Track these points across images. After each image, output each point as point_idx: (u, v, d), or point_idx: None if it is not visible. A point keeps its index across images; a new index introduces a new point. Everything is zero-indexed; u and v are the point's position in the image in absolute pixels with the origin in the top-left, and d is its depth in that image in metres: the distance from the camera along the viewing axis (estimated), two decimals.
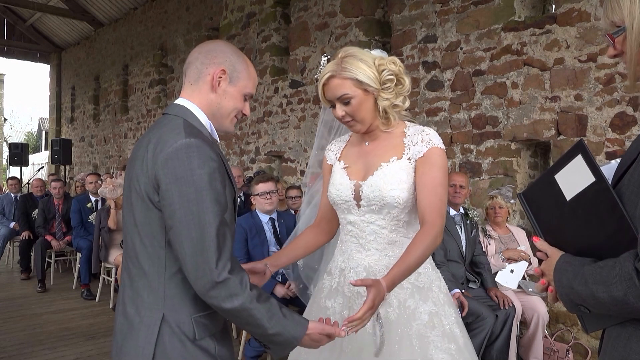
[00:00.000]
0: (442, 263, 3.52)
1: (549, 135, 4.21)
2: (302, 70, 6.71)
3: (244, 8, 7.74)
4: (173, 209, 1.24)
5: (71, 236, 6.21)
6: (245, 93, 1.46)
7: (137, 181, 1.31)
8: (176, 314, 1.31)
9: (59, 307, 5.39)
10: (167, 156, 1.25)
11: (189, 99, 1.42)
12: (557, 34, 4.16)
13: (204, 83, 1.41)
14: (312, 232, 1.90)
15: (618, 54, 1.13)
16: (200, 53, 1.44)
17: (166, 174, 1.25)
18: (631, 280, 0.94)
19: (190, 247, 1.23)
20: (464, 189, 3.78)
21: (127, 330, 1.34)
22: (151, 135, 1.35)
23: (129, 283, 1.38)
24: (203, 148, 1.27)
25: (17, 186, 7.87)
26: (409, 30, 5.40)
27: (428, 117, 5.19)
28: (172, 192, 1.24)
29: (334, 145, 1.92)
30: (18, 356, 3.97)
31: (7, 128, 31.91)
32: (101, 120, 12.94)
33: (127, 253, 1.40)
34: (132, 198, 1.33)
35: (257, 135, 7.54)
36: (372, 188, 1.68)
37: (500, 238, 4.04)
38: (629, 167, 1.05)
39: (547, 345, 3.71)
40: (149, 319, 1.31)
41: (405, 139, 1.71)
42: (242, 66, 1.45)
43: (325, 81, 1.68)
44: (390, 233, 1.71)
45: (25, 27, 14.73)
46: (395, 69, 1.68)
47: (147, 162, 1.29)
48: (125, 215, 1.39)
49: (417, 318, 1.66)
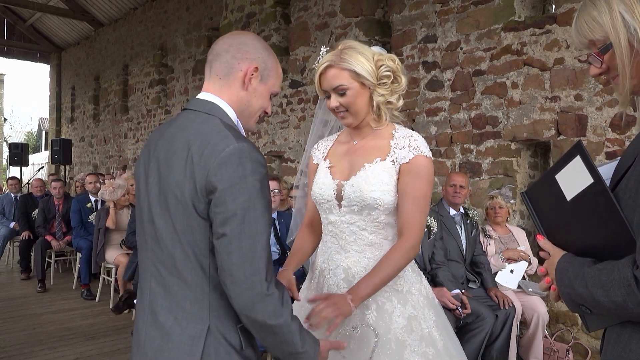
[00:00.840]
0: (443, 263, 3.52)
1: (549, 135, 4.21)
2: (302, 70, 6.71)
3: (244, 8, 7.75)
4: (225, 216, 1.18)
5: (71, 236, 6.21)
6: (272, 92, 1.42)
7: (177, 188, 1.23)
8: (222, 325, 1.26)
9: (59, 307, 5.39)
10: (220, 161, 1.19)
11: (218, 95, 1.35)
12: (557, 34, 4.16)
13: (235, 79, 1.35)
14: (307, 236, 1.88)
15: (603, 72, 1.11)
16: (232, 45, 1.36)
17: (220, 180, 1.18)
18: (630, 288, 0.94)
19: (240, 258, 1.18)
20: (464, 189, 3.78)
21: (163, 342, 1.27)
22: (190, 136, 1.26)
23: (162, 293, 1.30)
24: (254, 153, 1.22)
25: (17, 186, 7.87)
26: (409, 30, 5.40)
27: (428, 117, 5.19)
28: (226, 199, 1.18)
29: (321, 144, 1.90)
30: (18, 356, 3.97)
31: (7, 128, 31.92)
32: (101, 120, 12.94)
33: (158, 260, 1.31)
34: (170, 204, 1.25)
35: (257, 135, 7.55)
36: (353, 188, 1.66)
37: (500, 238, 4.04)
38: (627, 170, 1.05)
39: (547, 345, 3.71)
40: (193, 330, 1.24)
41: (392, 141, 1.69)
42: (272, 64, 1.40)
43: (322, 70, 1.66)
44: (370, 235, 1.68)
45: (25, 27, 14.73)
46: (393, 66, 1.67)
47: (191, 167, 1.21)
48: (159, 221, 1.29)
49: (395, 322, 1.63)
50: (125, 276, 4.97)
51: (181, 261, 1.26)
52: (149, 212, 1.32)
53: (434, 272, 3.46)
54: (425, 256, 3.45)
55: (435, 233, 3.52)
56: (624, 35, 1.03)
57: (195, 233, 1.23)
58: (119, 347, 4.17)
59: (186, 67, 9.44)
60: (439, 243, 3.57)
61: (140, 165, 1.39)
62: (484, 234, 4.00)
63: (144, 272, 1.37)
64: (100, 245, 5.47)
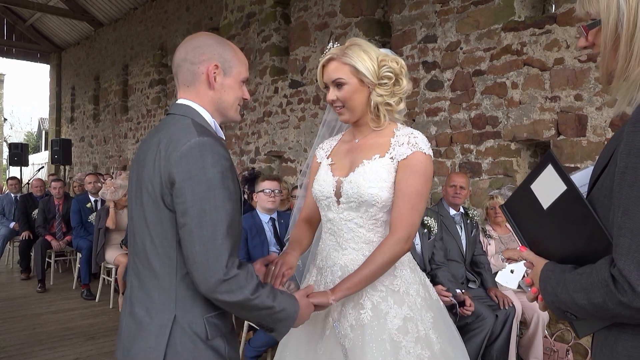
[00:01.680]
0: (443, 263, 3.52)
1: (549, 135, 4.21)
2: (302, 70, 6.71)
3: (244, 8, 7.75)
4: (185, 207, 1.24)
5: (71, 236, 6.21)
6: (241, 79, 1.46)
7: (149, 182, 1.31)
8: (188, 315, 1.30)
9: (59, 307, 5.39)
10: (180, 154, 1.25)
11: (192, 100, 1.41)
12: (557, 34, 4.16)
13: (201, 83, 1.40)
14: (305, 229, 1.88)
15: (589, 45, 1.13)
16: (187, 53, 1.41)
17: (179, 172, 1.24)
18: (607, 287, 0.94)
19: (202, 245, 1.23)
20: (464, 190, 3.78)
21: (136, 331, 1.33)
22: (161, 135, 1.34)
23: (137, 284, 1.38)
24: (215, 146, 1.27)
25: (17, 186, 7.86)
26: (409, 30, 5.40)
27: (428, 117, 5.19)
28: (185, 190, 1.24)
29: (326, 143, 1.91)
30: (18, 356, 3.97)
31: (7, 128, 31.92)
32: (101, 120, 12.94)
33: (135, 254, 1.39)
34: (143, 199, 1.32)
35: (257, 135, 7.54)
36: (351, 185, 1.66)
37: (500, 238, 4.04)
38: (602, 172, 1.05)
39: (547, 345, 3.71)
40: (160, 320, 1.30)
41: (393, 139, 1.69)
42: (230, 54, 1.43)
43: (325, 62, 1.70)
44: (367, 232, 1.68)
45: (25, 27, 14.74)
46: (396, 68, 1.68)
47: (159, 162, 1.29)
48: (135, 216, 1.38)
49: (390, 322, 1.62)
50: (126, 275, 4.98)
51: (151, 252, 1.33)
52: (130, 209, 1.42)
53: (433, 272, 3.46)
54: (425, 256, 3.45)
55: (435, 234, 3.52)
56: (614, 17, 1.05)
57: (165, 225, 1.30)
58: None
59: None
60: (438, 243, 3.57)
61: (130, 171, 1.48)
62: (484, 234, 4.00)
63: (128, 267, 1.46)
64: (100, 245, 5.47)
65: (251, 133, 7.66)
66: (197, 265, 1.23)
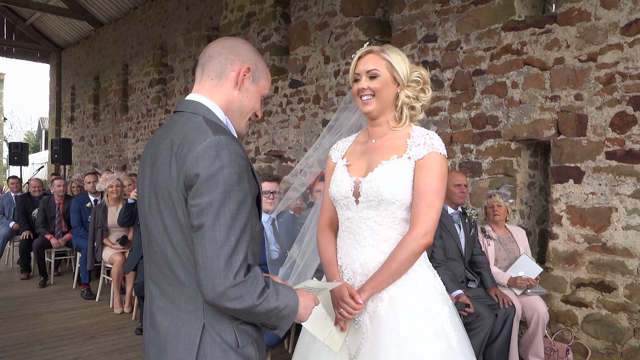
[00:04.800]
0: (442, 262, 3.52)
1: (549, 135, 4.21)
2: (302, 69, 6.70)
3: (243, 7, 7.74)
4: (200, 209, 1.19)
5: (71, 235, 6.22)
6: (263, 94, 1.46)
7: (165, 189, 1.25)
8: (217, 323, 1.25)
9: (59, 307, 5.39)
10: (197, 155, 1.20)
11: (206, 95, 1.38)
12: (557, 34, 4.16)
13: (227, 79, 1.38)
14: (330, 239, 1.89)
15: None
16: (224, 48, 1.40)
17: (196, 174, 1.19)
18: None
19: (213, 250, 1.17)
20: (467, 188, 3.82)
21: (162, 342, 1.27)
22: (172, 136, 1.29)
23: (158, 294, 1.32)
24: (232, 145, 1.23)
25: (17, 185, 7.86)
26: (409, 30, 5.39)
27: (428, 117, 5.19)
28: (202, 192, 1.19)
29: (340, 144, 1.97)
30: (18, 356, 3.97)
31: (7, 128, 31.93)
32: (101, 119, 12.94)
33: (154, 262, 1.33)
34: (160, 205, 1.27)
35: (257, 134, 7.54)
36: (371, 184, 1.73)
37: (500, 239, 4.03)
38: None
39: (547, 345, 3.71)
40: (188, 329, 1.25)
41: (409, 140, 1.78)
42: (262, 66, 1.45)
43: (362, 54, 1.80)
44: (386, 230, 1.75)
45: (25, 26, 14.73)
46: (424, 74, 1.82)
47: (174, 165, 1.24)
48: (150, 222, 1.32)
49: (406, 315, 1.68)
50: (127, 268, 5.00)
51: (174, 260, 1.27)
52: (143, 215, 1.36)
53: None
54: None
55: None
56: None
57: (184, 231, 1.24)
58: (118, 347, 4.18)
59: (186, 66, 9.44)
60: (438, 242, 3.57)
61: (138, 173, 1.44)
62: (484, 235, 4.00)
63: (145, 275, 1.40)
64: (98, 242, 5.49)
65: (251, 133, 7.66)
66: (206, 271, 1.18)
